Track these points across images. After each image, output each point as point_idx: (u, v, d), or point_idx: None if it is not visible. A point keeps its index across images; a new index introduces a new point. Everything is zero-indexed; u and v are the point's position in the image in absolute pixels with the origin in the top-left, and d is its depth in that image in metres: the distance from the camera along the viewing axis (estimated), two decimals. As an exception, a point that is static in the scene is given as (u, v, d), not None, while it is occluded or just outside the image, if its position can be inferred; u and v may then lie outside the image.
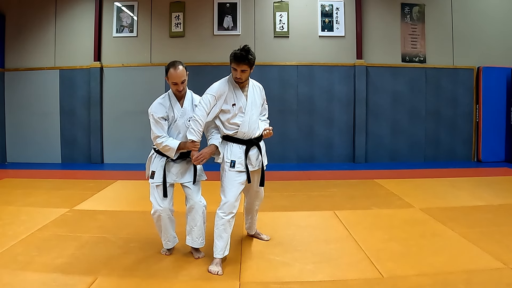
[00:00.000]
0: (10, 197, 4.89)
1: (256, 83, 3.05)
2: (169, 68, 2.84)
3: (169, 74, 2.84)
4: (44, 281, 2.58)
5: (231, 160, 2.84)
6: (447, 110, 7.99)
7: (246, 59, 2.72)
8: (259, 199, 3.22)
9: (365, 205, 4.47)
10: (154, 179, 2.93)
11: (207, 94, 2.82)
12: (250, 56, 2.74)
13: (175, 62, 2.86)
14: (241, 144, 2.89)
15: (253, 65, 2.81)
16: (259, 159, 2.98)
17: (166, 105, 2.91)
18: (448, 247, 3.16)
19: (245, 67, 2.76)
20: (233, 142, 2.90)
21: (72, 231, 3.58)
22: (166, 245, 3.06)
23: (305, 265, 2.84)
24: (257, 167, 2.98)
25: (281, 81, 7.83)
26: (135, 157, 7.62)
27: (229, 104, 2.84)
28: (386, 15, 7.97)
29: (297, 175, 6.62)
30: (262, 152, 3.01)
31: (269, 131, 3.02)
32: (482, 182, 5.76)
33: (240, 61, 2.73)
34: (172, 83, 2.86)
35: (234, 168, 2.83)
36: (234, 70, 2.79)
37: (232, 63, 2.78)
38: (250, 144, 2.92)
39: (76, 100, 7.95)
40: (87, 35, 7.91)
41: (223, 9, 7.88)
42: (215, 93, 2.81)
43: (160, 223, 2.97)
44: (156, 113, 2.86)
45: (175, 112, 2.91)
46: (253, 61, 2.78)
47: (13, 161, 8.03)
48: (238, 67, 2.76)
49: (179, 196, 3.12)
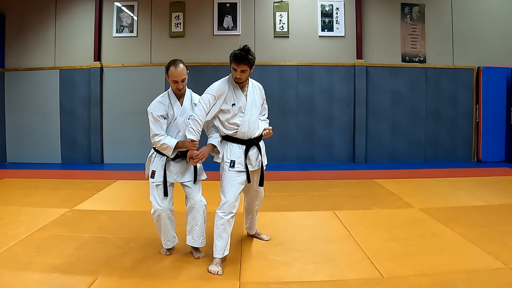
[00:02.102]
0: (10, 197, 4.90)
1: (256, 83, 3.05)
2: (170, 66, 2.84)
3: (170, 72, 2.84)
4: (44, 281, 2.58)
5: (231, 160, 2.85)
6: (447, 110, 7.99)
7: (246, 59, 2.73)
8: (259, 199, 3.22)
9: (365, 205, 4.48)
10: (155, 178, 2.93)
11: (207, 94, 2.82)
12: (250, 56, 2.74)
13: (175, 60, 2.87)
14: (241, 144, 2.89)
15: (253, 65, 2.81)
16: (259, 159, 2.98)
17: (166, 103, 2.90)
18: (448, 247, 3.16)
19: (245, 67, 2.76)
20: (233, 142, 2.90)
21: (72, 231, 3.58)
22: (166, 245, 3.06)
23: (305, 265, 2.84)
24: (257, 167, 2.98)
25: (281, 81, 7.83)
26: (135, 157, 7.62)
27: (228, 104, 2.83)
28: (386, 15, 7.97)
29: (297, 175, 6.61)
30: (262, 152, 3.01)
31: (269, 131, 3.02)
32: (482, 182, 5.75)
33: (240, 61, 2.73)
34: (173, 81, 2.86)
35: (234, 168, 2.84)
36: (234, 70, 2.79)
37: (232, 63, 2.78)
38: (250, 144, 2.92)
39: (76, 100, 7.95)
40: (87, 35, 7.91)
41: (223, 9, 7.88)
42: (215, 93, 2.81)
43: (160, 223, 2.97)
44: (155, 111, 2.86)
45: (174, 110, 2.91)
46: (253, 61, 2.78)
47: (13, 161, 8.03)
48: (238, 67, 2.76)
49: (179, 196, 3.12)
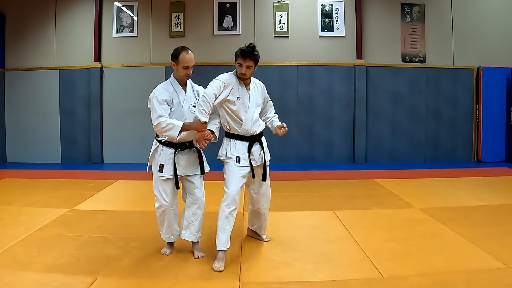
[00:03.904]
0: (10, 197, 4.89)
1: (257, 81, 3.13)
2: (181, 52, 2.84)
3: (182, 57, 2.83)
4: (44, 281, 2.58)
5: (236, 156, 2.93)
6: (447, 110, 7.99)
7: (252, 54, 2.84)
8: (265, 196, 3.20)
9: (365, 205, 4.47)
10: (163, 172, 2.88)
11: (217, 80, 2.90)
12: (256, 52, 2.87)
13: (184, 47, 2.89)
14: (244, 141, 2.97)
15: (257, 62, 2.92)
16: (261, 155, 3.05)
17: (170, 90, 2.90)
18: (448, 247, 3.16)
19: (251, 62, 2.87)
20: (236, 139, 2.97)
21: (72, 231, 3.58)
22: (169, 239, 3.05)
23: (305, 265, 2.84)
24: (260, 162, 3.05)
25: (281, 81, 7.83)
26: (135, 157, 7.63)
27: (234, 96, 2.91)
28: (386, 15, 7.97)
29: (297, 175, 6.61)
30: (264, 148, 3.08)
31: (285, 129, 3.11)
32: (482, 182, 5.75)
33: (247, 57, 2.84)
34: (183, 67, 2.85)
35: (240, 163, 2.92)
36: (240, 66, 2.88)
37: (238, 59, 2.88)
38: (253, 141, 2.99)
39: (76, 100, 7.95)
40: (87, 35, 7.91)
41: (223, 9, 7.88)
42: (224, 80, 2.90)
43: (164, 217, 2.97)
44: (160, 95, 2.84)
45: (180, 97, 2.90)
46: (258, 57, 2.90)
47: (13, 161, 8.03)
48: (244, 62, 2.85)
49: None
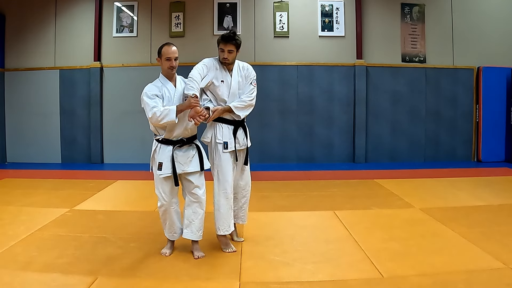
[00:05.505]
0: (10, 197, 4.89)
1: (243, 63, 3.18)
2: (163, 46, 2.91)
3: (163, 51, 2.89)
4: (44, 281, 2.58)
5: (224, 142, 3.01)
6: (447, 110, 7.99)
7: (233, 39, 2.94)
8: (245, 181, 3.25)
9: (365, 205, 4.47)
10: (162, 170, 2.88)
11: (199, 64, 2.98)
12: (237, 37, 2.97)
13: (168, 42, 2.96)
14: (229, 125, 3.06)
15: (239, 47, 3.01)
16: (244, 139, 3.15)
17: (159, 85, 2.92)
18: (448, 247, 3.16)
19: (232, 47, 2.96)
20: (222, 122, 3.05)
21: (72, 231, 3.58)
22: (172, 237, 3.06)
23: (305, 265, 2.84)
24: (244, 146, 3.16)
25: (281, 81, 7.83)
26: (135, 157, 7.62)
27: (218, 80, 3.01)
28: (386, 15, 7.96)
29: (297, 175, 6.61)
30: (247, 134, 3.18)
31: (203, 117, 2.82)
32: (482, 182, 5.75)
33: (228, 41, 2.94)
34: (166, 59, 2.88)
35: (228, 149, 3.00)
36: (221, 51, 2.97)
37: (220, 44, 2.98)
38: (237, 125, 3.08)
39: (76, 100, 7.94)
40: (87, 35, 7.91)
41: (223, 9, 7.88)
42: (206, 63, 2.98)
43: (166, 216, 2.99)
44: (149, 91, 2.86)
45: (169, 90, 2.91)
46: (239, 42, 3.00)
47: (13, 161, 8.03)
48: (226, 47, 2.95)
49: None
